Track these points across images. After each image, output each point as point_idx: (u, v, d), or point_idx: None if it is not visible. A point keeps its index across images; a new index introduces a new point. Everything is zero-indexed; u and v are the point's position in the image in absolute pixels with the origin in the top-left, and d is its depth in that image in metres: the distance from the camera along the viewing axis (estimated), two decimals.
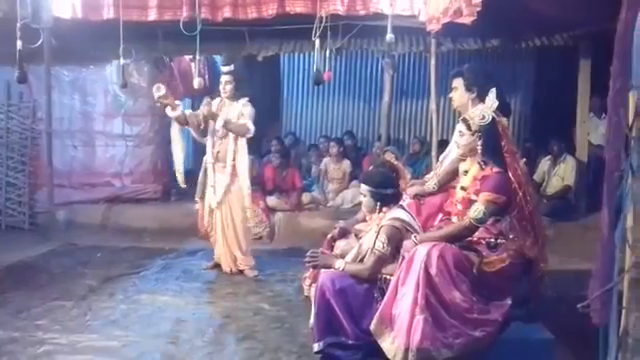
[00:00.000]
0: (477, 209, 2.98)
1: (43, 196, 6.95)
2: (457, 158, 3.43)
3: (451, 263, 2.90)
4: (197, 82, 5.26)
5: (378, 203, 3.36)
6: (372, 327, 3.00)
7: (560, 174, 6.86)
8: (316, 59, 5.13)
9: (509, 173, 3.18)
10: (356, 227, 3.85)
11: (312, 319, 3.29)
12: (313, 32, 5.04)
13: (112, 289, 4.66)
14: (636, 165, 2.10)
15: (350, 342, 3.11)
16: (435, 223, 3.52)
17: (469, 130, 3.15)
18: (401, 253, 3.11)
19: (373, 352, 3.04)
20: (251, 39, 6.70)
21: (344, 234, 3.87)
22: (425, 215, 3.63)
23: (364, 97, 9.76)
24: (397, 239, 3.19)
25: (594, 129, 6.91)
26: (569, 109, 6.78)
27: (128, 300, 4.42)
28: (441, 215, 3.53)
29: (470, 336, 2.89)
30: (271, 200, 6.94)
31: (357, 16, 5.56)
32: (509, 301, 3.05)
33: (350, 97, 9.81)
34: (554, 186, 6.89)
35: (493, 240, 3.10)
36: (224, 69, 5.15)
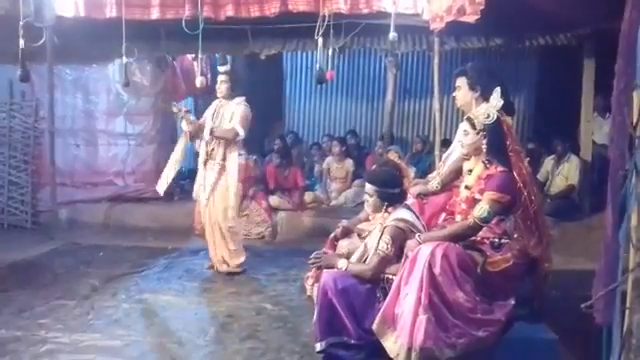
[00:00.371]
0: (481, 208, 2.97)
1: (45, 195, 6.96)
2: (460, 157, 3.41)
3: (455, 263, 2.89)
4: (199, 81, 5.28)
5: (385, 203, 3.33)
6: (375, 327, 2.99)
7: (564, 174, 6.85)
8: (319, 58, 5.11)
9: (514, 172, 3.17)
10: (359, 226, 3.82)
11: (314, 319, 3.29)
12: (316, 31, 5.02)
13: (115, 288, 4.66)
14: None
15: (352, 342, 3.10)
16: (438, 222, 3.50)
17: (474, 129, 3.14)
18: (404, 252, 3.10)
19: (376, 352, 3.03)
20: (254, 38, 6.69)
21: (347, 233, 3.85)
22: (428, 214, 3.61)
23: (367, 96, 9.75)
24: (401, 240, 3.18)
25: (598, 128, 6.88)
26: (573, 108, 6.75)
27: (130, 299, 4.42)
28: (444, 214, 3.51)
29: (473, 336, 2.89)
30: (273, 199, 6.94)
31: (360, 15, 5.53)
32: (512, 301, 3.03)
33: (353, 96, 9.80)
34: (558, 186, 6.88)
35: (497, 240, 3.09)
36: (220, 69, 5.24)
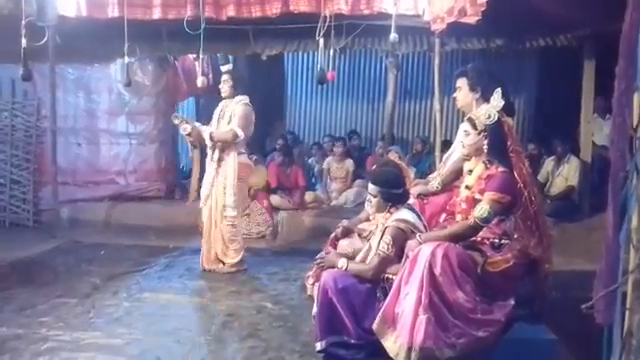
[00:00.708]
0: (482, 208, 2.98)
1: (47, 193, 6.96)
2: (461, 157, 3.42)
3: (455, 263, 2.90)
4: (201, 81, 5.30)
5: (389, 203, 3.32)
6: (375, 326, 3.00)
7: (564, 174, 6.85)
8: (320, 58, 5.12)
9: (514, 173, 3.18)
10: (359, 226, 3.84)
11: (314, 318, 3.30)
12: (317, 31, 5.03)
13: (116, 287, 4.66)
14: None
15: (352, 341, 3.10)
16: (439, 222, 3.51)
17: (475, 129, 3.15)
18: (405, 252, 3.11)
19: (376, 351, 3.04)
20: (255, 38, 6.70)
21: (347, 233, 3.87)
22: (429, 214, 3.62)
23: (367, 96, 9.77)
24: (402, 240, 3.18)
25: (598, 130, 6.88)
26: (573, 109, 6.75)
27: (132, 298, 4.42)
28: (445, 214, 3.52)
29: (473, 336, 2.89)
30: (274, 199, 6.95)
31: (361, 15, 5.55)
32: (512, 301, 3.04)
33: (354, 96, 9.82)
34: (558, 186, 6.88)
35: (497, 240, 3.10)
36: (223, 69, 5.26)
